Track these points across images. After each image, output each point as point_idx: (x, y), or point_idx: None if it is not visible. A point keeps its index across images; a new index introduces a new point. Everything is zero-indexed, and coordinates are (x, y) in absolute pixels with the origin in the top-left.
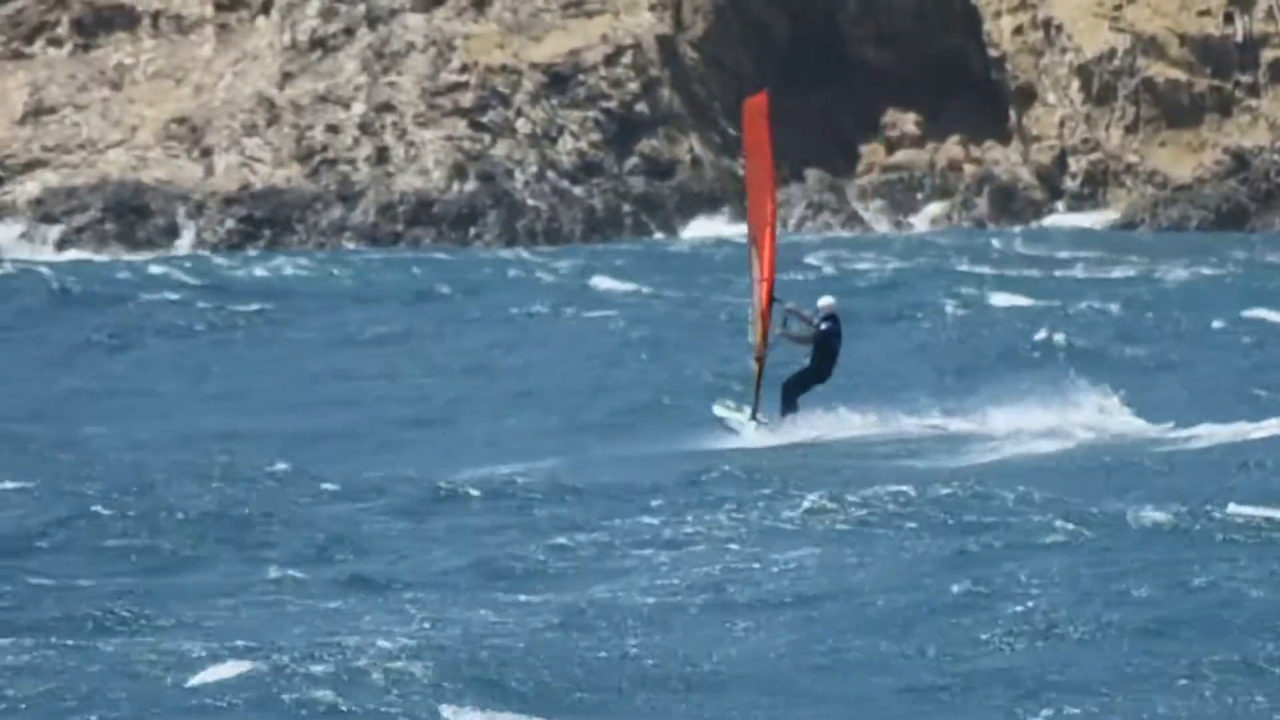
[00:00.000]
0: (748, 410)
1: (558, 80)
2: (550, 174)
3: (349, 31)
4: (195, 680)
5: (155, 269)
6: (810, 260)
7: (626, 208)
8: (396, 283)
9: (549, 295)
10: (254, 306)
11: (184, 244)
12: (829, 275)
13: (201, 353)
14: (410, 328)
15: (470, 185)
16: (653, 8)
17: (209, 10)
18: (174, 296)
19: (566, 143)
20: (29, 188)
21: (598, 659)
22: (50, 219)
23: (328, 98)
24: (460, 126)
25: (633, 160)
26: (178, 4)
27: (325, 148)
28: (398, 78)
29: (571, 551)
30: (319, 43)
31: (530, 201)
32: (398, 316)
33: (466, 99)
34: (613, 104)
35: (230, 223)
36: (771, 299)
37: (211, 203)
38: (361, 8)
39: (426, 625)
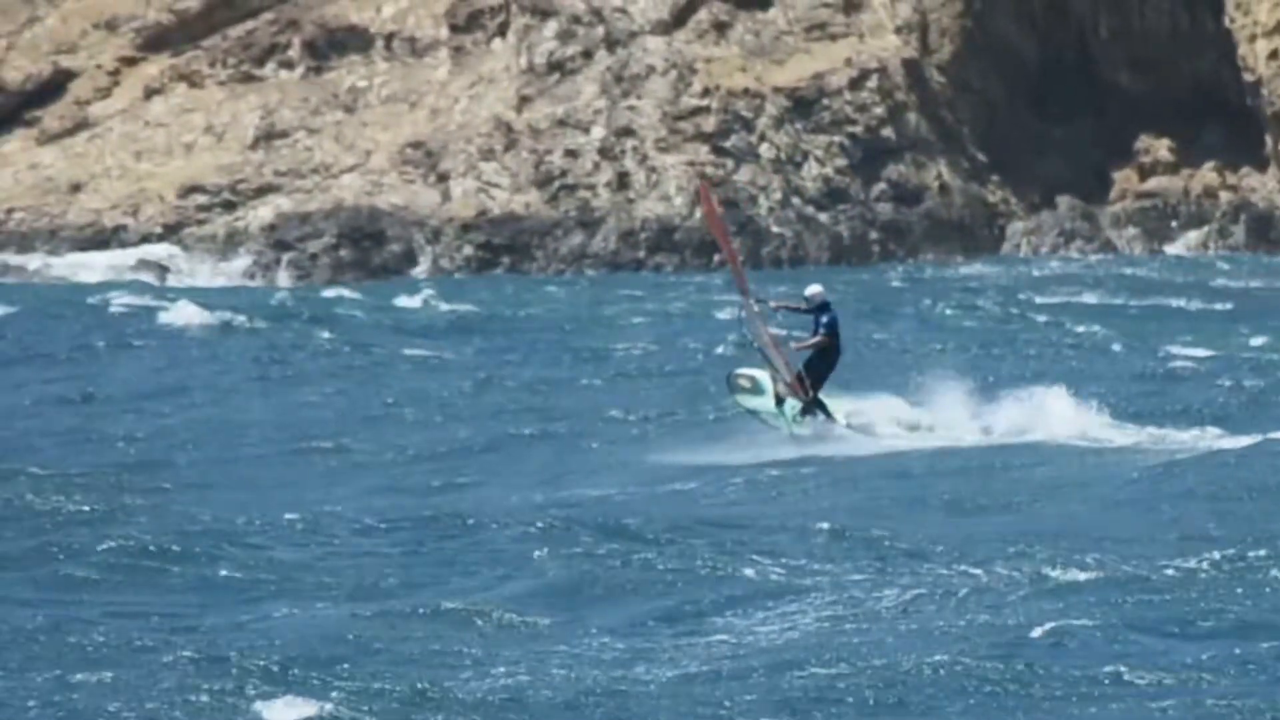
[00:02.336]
0: (772, 398)
1: (802, 105)
2: (795, 200)
3: (587, 54)
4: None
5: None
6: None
7: (873, 235)
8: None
9: None
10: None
11: (421, 271)
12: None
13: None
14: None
15: None
16: (898, 30)
17: (444, 32)
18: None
19: (811, 168)
20: (262, 213)
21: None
22: (283, 245)
23: (566, 122)
24: (702, 151)
25: (879, 186)
26: (412, 25)
27: (564, 173)
28: (638, 101)
29: None
30: (557, 65)
31: (775, 228)
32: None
33: (708, 123)
34: (858, 129)
35: (468, 249)
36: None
37: (449, 229)
38: (600, 30)
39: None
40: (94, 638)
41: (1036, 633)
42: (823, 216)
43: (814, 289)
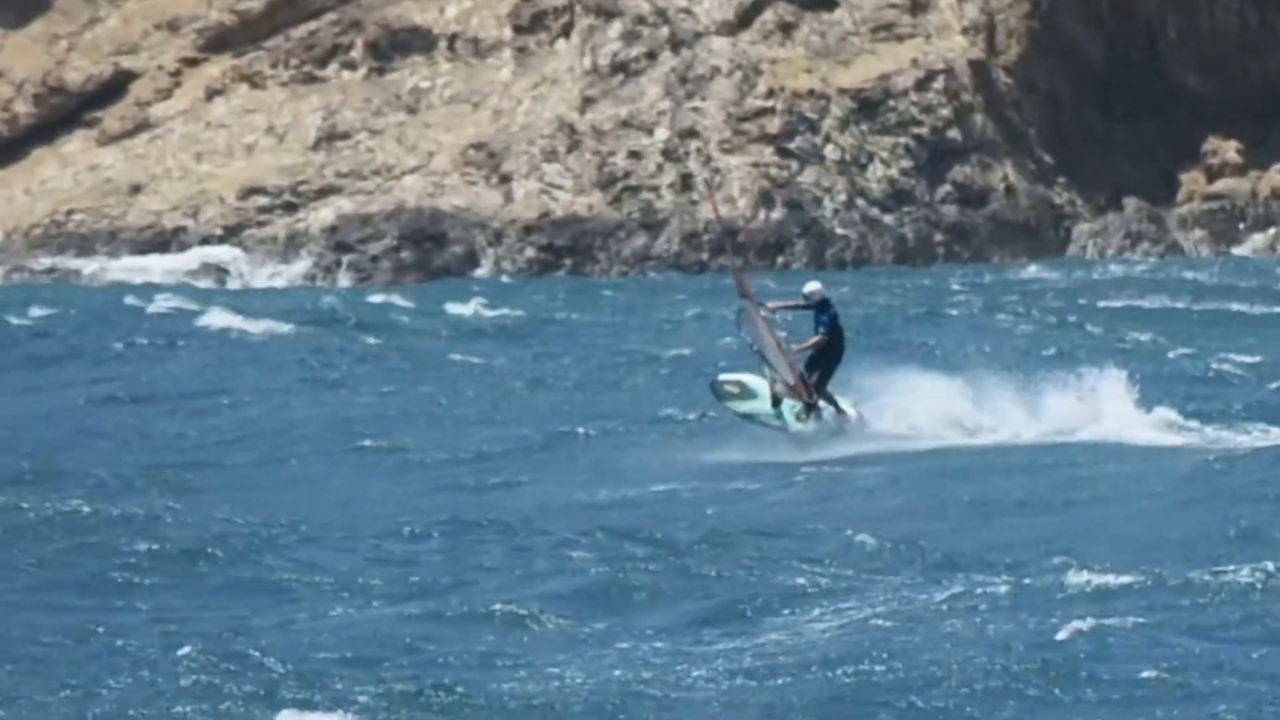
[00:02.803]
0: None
1: (867, 106)
2: (860, 202)
3: (652, 55)
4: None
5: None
6: None
7: (938, 237)
8: None
9: None
10: None
11: (482, 273)
12: None
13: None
14: None
15: (777, 213)
16: (965, 31)
17: (507, 33)
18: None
19: (876, 170)
20: (323, 215)
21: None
22: (344, 248)
23: (630, 123)
24: (766, 153)
25: (945, 188)
26: (475, 26)
27: (628, 174)
28: (702, 103)
29: None
30: (621, 66)
31: (839, 230)
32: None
33: (773, 125)
34: (924, 130)
35: (530, 251)
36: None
37: (511, 231)
38: (664, 31)
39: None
40: (136, 639)
41: (1087, 636)
42: (887, 218)
43: (812, 286)
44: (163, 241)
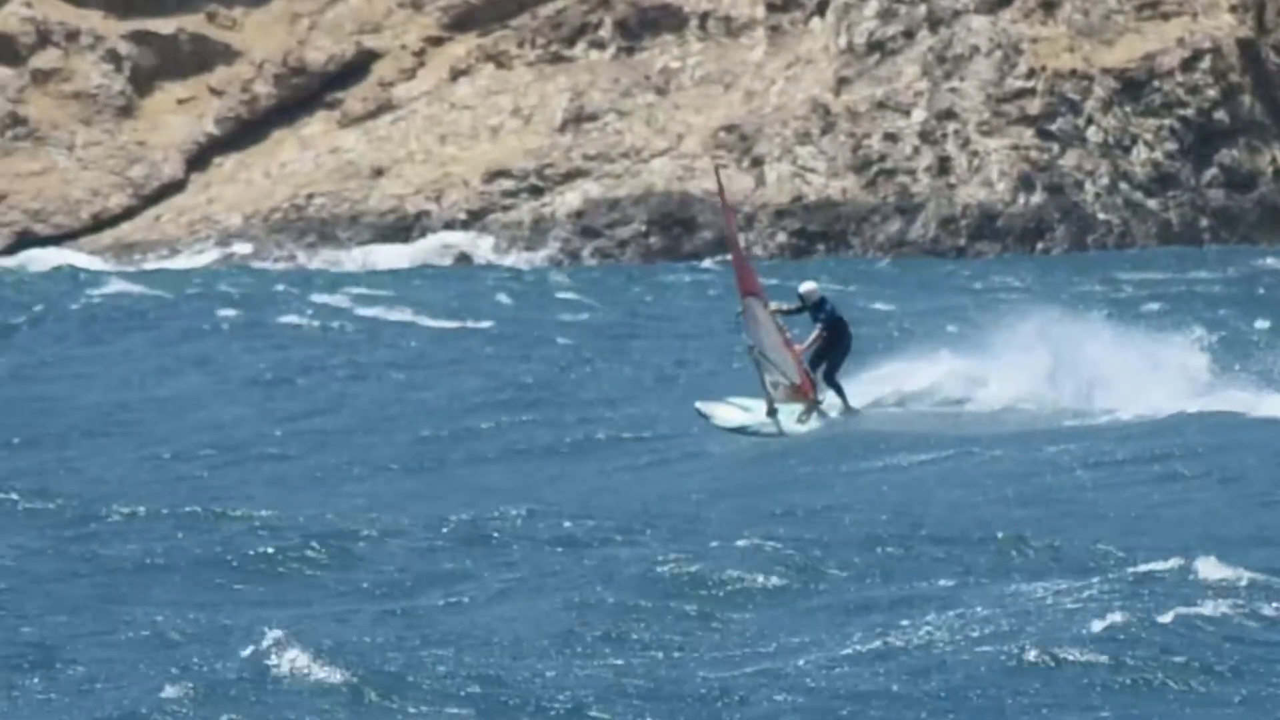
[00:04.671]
0: (763, 409)
1: (1131, 86)
2: (1123, 185)
3: (908, 34)
4: None
5: None
6: None
7: (1204, 222)
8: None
9: None
10: None
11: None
12: None
13: None
14: None
15: (1037, 197)
16: (1233, 9)
17: (760, 11)
18: None
19: (1140, 153)
20: (569, 199)
21: None
22: (591, 233)
23: (886, 104)
24: (1026, 135)
25: (1211, 172)
26: (727, 5)
27: (883, 157)
28: (960, 83)
29: None
30: (876, 46)
31: (1101, 214)
32: None
33: (1033, 106)
34: (1189, 112)
35: (782, 236)
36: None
37: (763, 215)
38: (922, 9)
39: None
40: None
41: (1221, 625)
42: (1151, 203)
43: (807, 286)
44: (405, 226)
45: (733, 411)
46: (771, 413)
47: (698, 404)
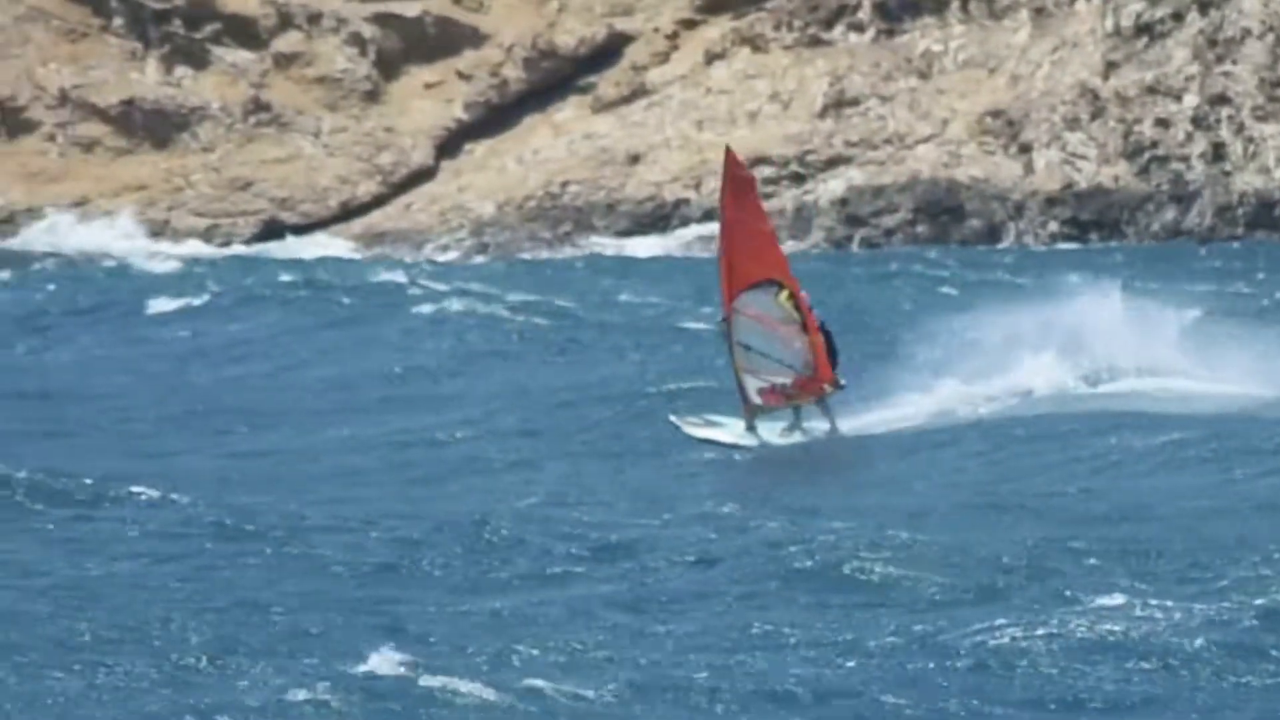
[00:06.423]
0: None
1: None
2: None
3: (1178, 16)
4: None
5: None
6: None
7: None
8: None
9: None
10: None
11: (1004, 246)
12: None
13: None
14: None
15: None
16: None
17: None
18: None
19: None
20: (832, 186)
21: None
22: (856, 220)
23: (1156, 89)
24: None
25: None
26: None
27: (1155, 144)
28: (1233, 67)
29: None
30: (1145, 28)
31: None
32: None
33: None
34: None
35: (1053, 225)
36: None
37: (1032, 203)
38: None
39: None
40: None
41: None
42: None
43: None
44: (663, 215)
45: (710, 430)
46: (751, 428)
47: (672, 418)
